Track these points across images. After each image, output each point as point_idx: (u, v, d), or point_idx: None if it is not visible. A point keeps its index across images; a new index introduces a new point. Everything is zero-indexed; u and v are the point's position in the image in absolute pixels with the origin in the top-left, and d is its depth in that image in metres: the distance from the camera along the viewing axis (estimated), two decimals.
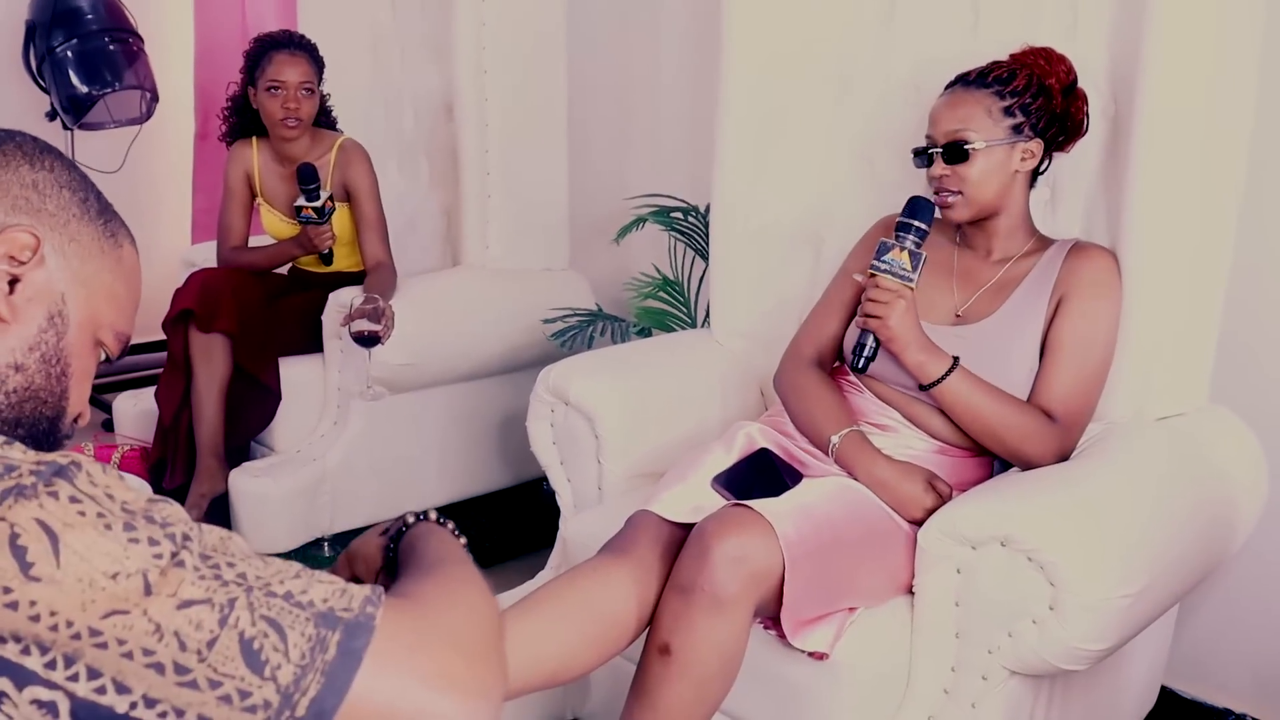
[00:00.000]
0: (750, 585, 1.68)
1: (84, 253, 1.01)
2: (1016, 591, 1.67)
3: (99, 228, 1.02)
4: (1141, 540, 1.74)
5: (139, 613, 0.79)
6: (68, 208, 1.00)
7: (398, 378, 2.95)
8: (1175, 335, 1.97)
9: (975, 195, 1.95)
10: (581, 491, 2.34)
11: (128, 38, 3.94)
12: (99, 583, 0.79)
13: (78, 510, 0.80)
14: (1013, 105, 1.94)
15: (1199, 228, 1.96)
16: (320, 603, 0.85)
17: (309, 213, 3.00)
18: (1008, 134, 1.94)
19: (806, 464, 1.99)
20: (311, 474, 2.95)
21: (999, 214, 1.99)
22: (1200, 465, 1.97)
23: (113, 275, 1.03)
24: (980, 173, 1.94)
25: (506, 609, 1.68)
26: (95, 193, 1.04)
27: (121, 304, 1.05)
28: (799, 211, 2.46)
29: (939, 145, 1.96)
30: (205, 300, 2.94)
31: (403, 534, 1.19)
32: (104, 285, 1.02)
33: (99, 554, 0.79)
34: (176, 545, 0.82)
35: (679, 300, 3.10)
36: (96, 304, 1.02)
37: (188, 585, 0.81)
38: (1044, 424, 1.87)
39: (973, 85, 1.96)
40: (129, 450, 3.20)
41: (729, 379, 2.45)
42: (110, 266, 1.03)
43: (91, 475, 0.83)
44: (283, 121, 3.01)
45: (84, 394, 1.03)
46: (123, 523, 0.81)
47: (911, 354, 1.88)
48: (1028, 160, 1.95)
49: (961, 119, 1.94)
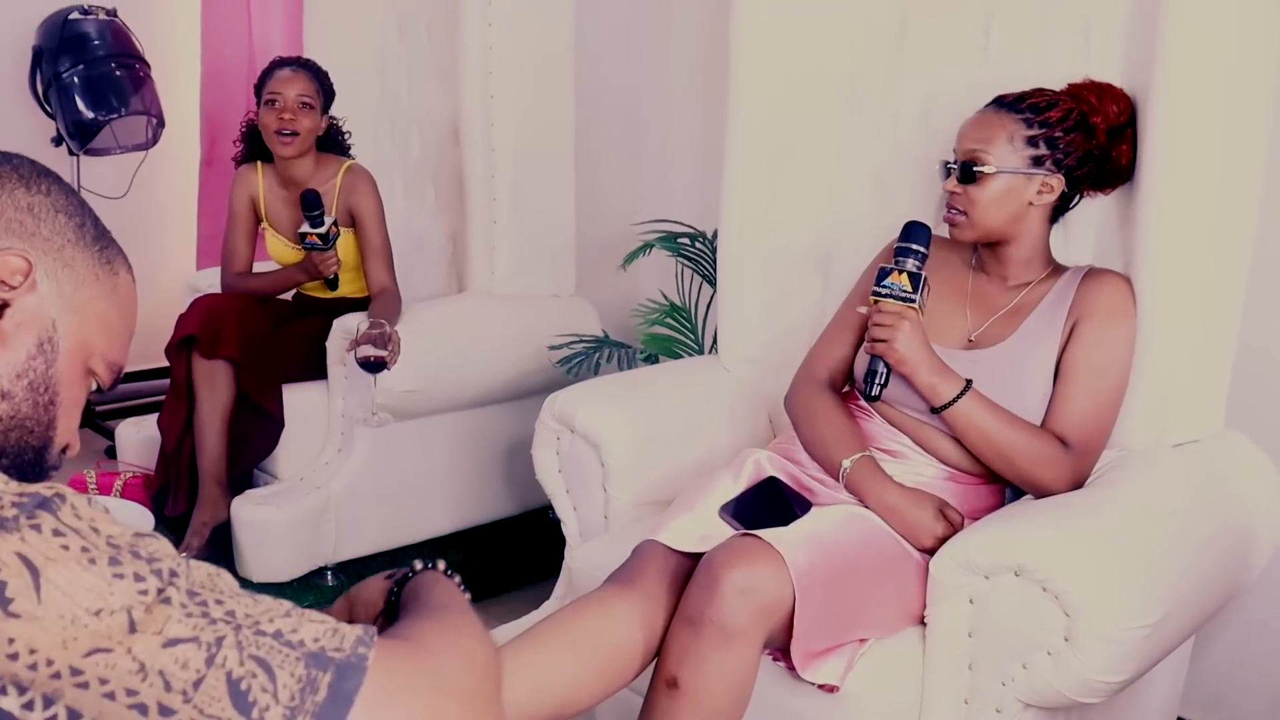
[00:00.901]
0: (760, 617, 1.65)
1: (78, 279, 0.98)
2: (1031, 622, 1.64)
3: (94, 254, 1.00)
4: (1159, 570, 1.71)
5: (123, 651, 0.76)
6: (63, 232, 0.98)
7: (403, 404, 2.92)
8: (1190, 361, 1.94)
9: (980, 219, 1.92)
10: (587, 520, 2.31)
11: (134, 64, 3.94)
12: (81, 619, 0.76)
13: (61, 544, 0.78)
14: (1039, 136, 1.90)
15: (1213, 252, 1.94)
16: (311, 642, 0.82)
17: (313, 239, 2.99)
18: (1026, 163, 1.90)
19: (815, 492, 1.96)
20: (315, 502, 2.92)
21: (1011, 242, 1.96)
22: (1217, 492, 1.93)
23: (107, 303, 1.01)
24: (988, 197, 1.91)
25: (510, 641, 1.66)
26: (92, 218, 1.02)
27: (115, 332, 1.02)
28: (808, 236, 2.44)
29: (958, 161, 1.94)
30: (208, 326, 2.93)
31: (408, 580, 1.16)
32: (97, 313, 1.00)
33: (82, 590, 0.77)
34: (163, 581, 0.80)
35: (686, 326, 3.08)
36: (89, 332, 0.99)
37: (174, 623, 0.78)
38: (1058, 450, 1.84)
39: (1006, 108, 1.93)
40: (131, 478, 3.18)
41: (737, 405, 2.43)
42: (105, 294, 1.00)
43: (76, 508, 0.81)
44: (277, 134, 3.00)
45: (73, 424, 1.01)
46: (108, 557, 0.79)
47: (923, 376, 1.85)
48: (1045, 194, 1.92)
49: (981, 140, 1.92)
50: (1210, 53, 1.87)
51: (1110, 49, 2.07)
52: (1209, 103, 1.88)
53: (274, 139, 3.02)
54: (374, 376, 2.74)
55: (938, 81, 2.28)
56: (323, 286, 3.12)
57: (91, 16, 3.91)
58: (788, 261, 2.45)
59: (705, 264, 3.02)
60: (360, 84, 3.52)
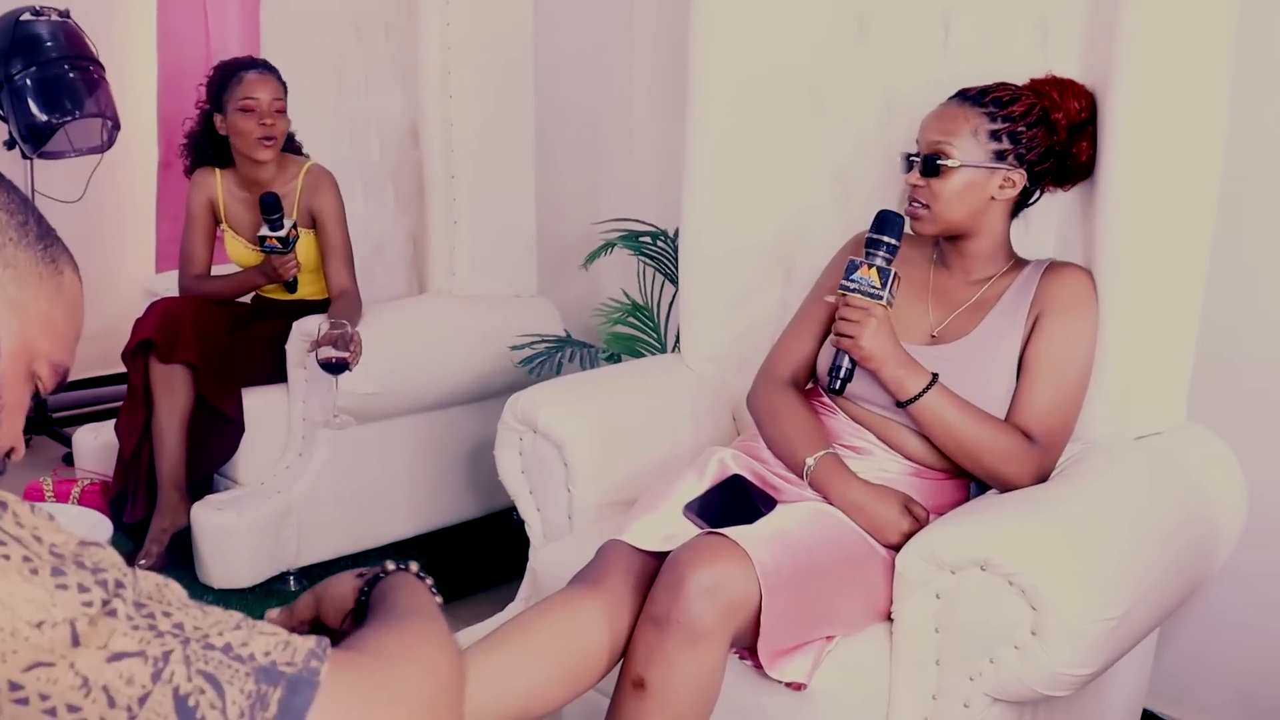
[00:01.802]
0: (726, 616, 1.63)
1: (20, 279, 0.94)
2: (998, 617, 1.64)
3: (38, 253, 0.96)
4: (1124, 562, 1.71)
5: (65, 665, 0.74)
6: (4, 231, 0.94)
7: (364, 407, 2.90)
8: (1153, 353, 1.95)
9: (943, 212, 1.92)
10: (551, 521, 2.29)
11: (88, 65, 3.88)
12: (22, 632, 0.73)
13: (1, 554, 0.75)
14: (1002, 130, 1.90)
15: (1174, 245, 1.95)
16: (262, 656, 0.80)
17: (273, 242, 2.96)
18: (989, 157, 1.90)
19: (780, 489, 1.95)
20: (276, 506, 2.88)
21: (973, 236, 1.96)
22: (1180, 485, 1.94)
23: (50, 303, 0.97)
24: (952, 191, 1.91)
25: (474, 644, 1.63)
26: (35, 216, 0.98)
27: (59, 334, 0.98)
28: (770, 233, 2.43)
29: (920, 154, 1.93)
30: (166, 330, 2.89)
31: (379, 580, 1.13)
32: (40, 314, 0.96)
33: (23, 601, 0.74)
34: (108, 593, 0.77)
35: (648, 326, 3.06)
36: (31, 333, 0.95)
37: (119, 636, 0.76)
38: (1022, 444, 1.84)
39: (969, 101, 1.93)
40: (89, 484, 3.13)
41: (700, 404, 2.42)
42: (48, 294, 0.97)
43: (18, 515, 0.78)
44: (260, 140, 2.97)
45: (16, 428, 0.97)
46: (50, 567, 0.76)
47: (889, 370, 1.85)
48: (1006, 189, 1.92)
49: (945, 132, 1.91)
50: (1168, 47, 1.88)
51: (1069, 44, 2.07)
52: (1168, 97, 1.89)
53: (255, 145, 2.98)
54: (335, 378, 2.72)
55: (898, 78, 2.27)
56: (282, 289, 3.09)
57: (44, 18, 3.84)
58: (749, 259, 2.44)
59: (667, 263, 3.01)
60: (318, 85, 3.49)
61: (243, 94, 2.97)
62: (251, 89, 2.97)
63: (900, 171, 2.00)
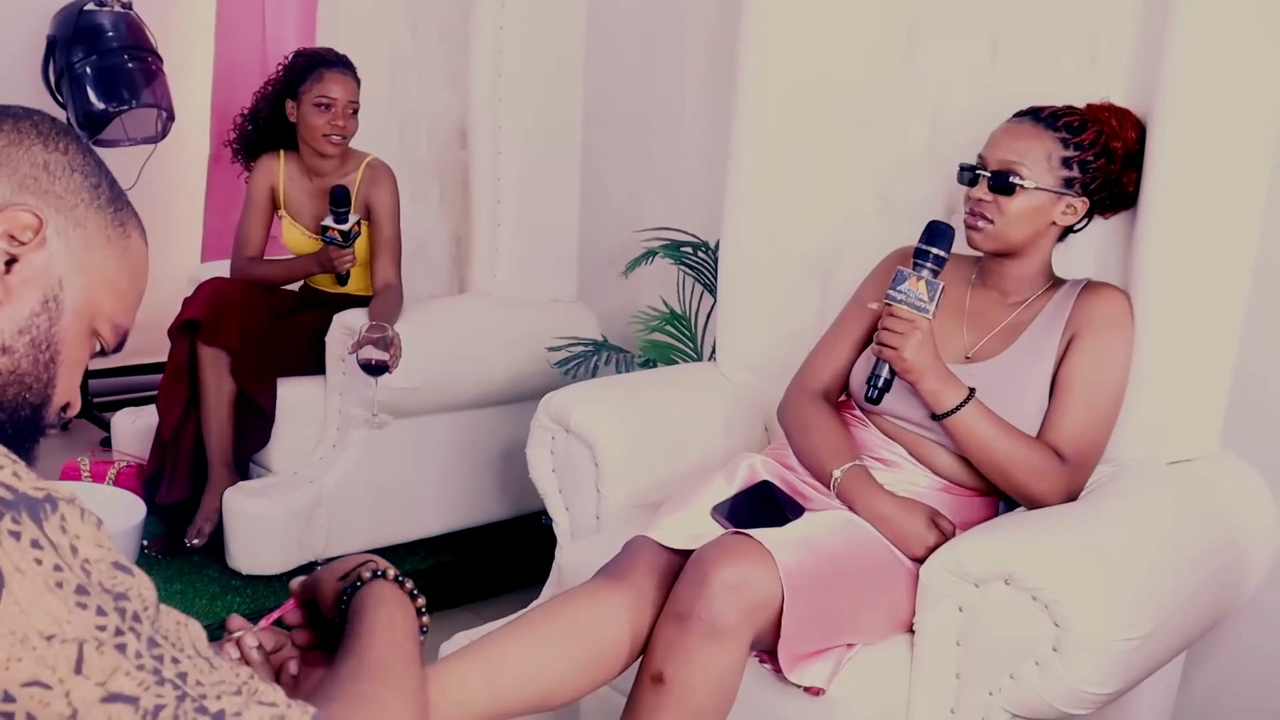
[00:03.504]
0: (748, 615, 1.64)
1: (89, 239, 0.98)
2: (1020, 631, 1.63)
3: (108, 216, 1.00)
4: (1150, 582, 1.70)
5: (61, 691, 0.75)
6: (77, 192, 0.98)
7: (400, 402, 2.92)
8: (1188, 378, 1.94)
9: (1005, 231, 1.91)
10: (579, 521, 2.30)
11: (147, 56, 3.95)
12: (31, 641, 0.74)
13: (34, 558, 0.76)
14: (1073, 158, 1.90)
15: (1215, 269, 1.94)
16: None
17: (335, 234, 2.99)
18: (1059, 184, 1.90)
19: (809, 498, 1.96)
20: (308, 496, 2.91)
21: (1021, 257, 1.96)
22: (1211, 510, 1.93)
23: (116, 265, 1.00)
24: (1019, 211, 1.90)
25: (496, 629, 1.65)
26: (109, 180, 1.02)
27: (122, 295, 1.02)
28: (809, 245, 2.43)
29: (989, 169, 1.92)
30: (212, 312, 2.92)
31: (358, 587, 1.14)
32: (106, 275, 0.99)
33: (41, 611, 0.75)
34: (124, 623, 0.78)
35: (686, 335, 3.07)
36: (96, 293, 0.99)
37: (121, 675, 0.77)
38: (1054, 462, 1.83)
39: (1042, 123, 1.92)
40: (125, 467, 3.16)
41: (733, 412, 2.42)
42: (115, 256, 1.00)
43: (65, 520, 0.79)
44: (327, 138, 3.01)
45: (73, 383, 1.00)
46: (76, 584, 0.77)
47: (928, 383, 1.84)
48: (1068, 215, 1.92)
49: (1020, 152, 1.90)
50: (1217, 72, 1.87)
51: (1117, 65, 2.07)
52: (1215, 122, 1.88)
53: (322, 141, 3.02)
54: (375, 379, 2.73)
55: (945, 93, 2.28)
56: (332, 280, 3.11)
57: (106, 8, 3.92)
58: (788, 270, 2.45)
59: (708, 274, 3.02)
60: (370, 83, 3.50)
61: (320, 91, 3.00)
62: (329, 88, 3.00)
63: (958, 183, 1.98)
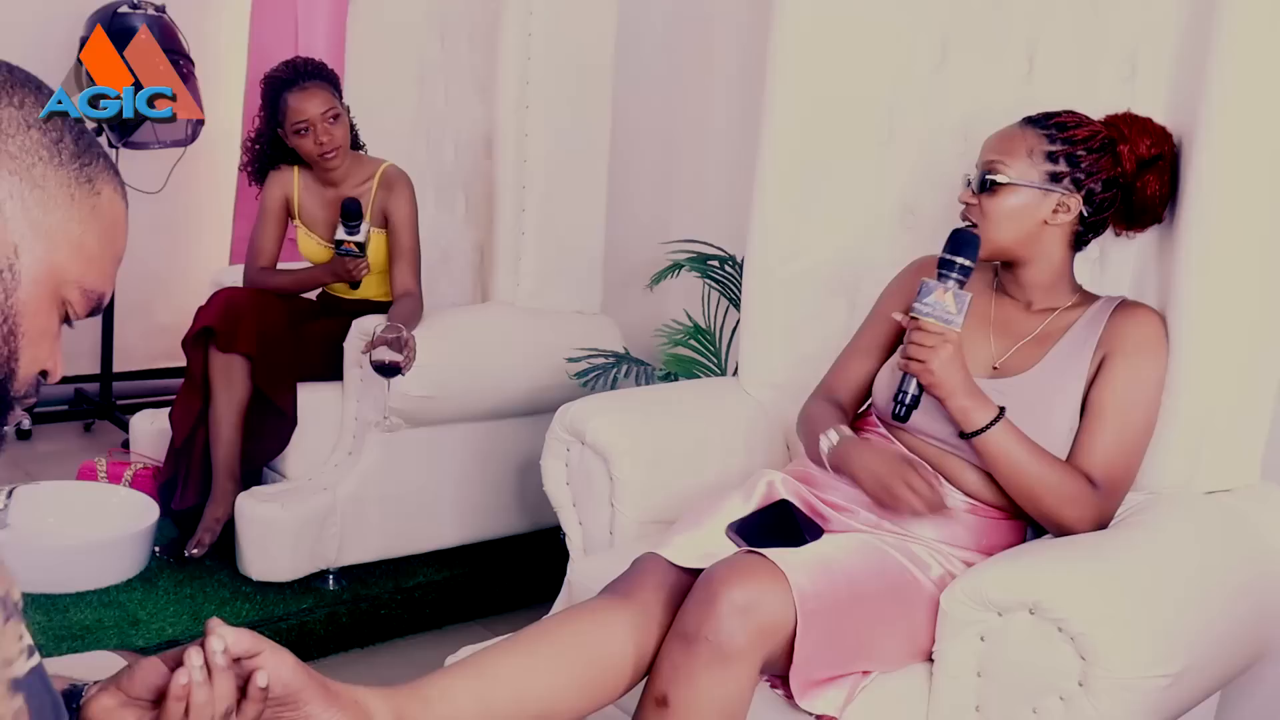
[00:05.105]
0: (758, 638, 1.57)
1: (48, 201, 0.91)
2: (1044, 664, 1.56)
3: (71, 173, 0.93)
4: (1182, 618, 1.62)
5: None
6: (34, 150, 0.91)
7: (416, 410, 2.87)
8: (1227, 404, 1.87)
9: (991, 232, 1.86)
10: (592, 535, 2.24)
11: (179, 60, 3.95)
12: None
13: None
14: (1059, 152, 1.85)
15: (1256, 296, 1.87)
16: None
17: (350, 246, 2.96)
18: (1042, 179, 1.84)
19: (828, 519, 1.89)
20: (321, 503, 2.86)
21: (1027, 263, 1.90)
22: (1249, 544, 1.84)
23: (82, 226, 0.93)
24: (1001, 210, 1.85)
25: (495, 643, 1.59)
26: (75, 133, 0.94)
27: (92, 258, 0.95)
28: (836, 259, 2.38)
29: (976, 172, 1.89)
30: (227, 319, 2.89)
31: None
32: (71, 238, 0.93)
33: None
34: None
35: (709, 349, 3.01)
36: (59, 258, 0.92)
37: None
38: (1085, 488, 1.76)
39: (1030, 124, 1.89)
40: (141, 469, 3.14)
41: (755, 428, 2.36)
42: (80, 216, 0.93)
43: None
44: (322, 157, 2.98)
45: (42, 353, 0.94)
46: None
47: (957, 400, 1.78)
48: (1061, 214, 1.85)
49: (1000, 151, 1.87)
50: (1259, 91, 1.81)
51: (1156, 81, 2.00)
52: (1255, 141, 1.82)
53: (320, 161, 2.99)
54: (388, 381, 2.70)
55: (977, 108, 2.21)
56: (347, 286, 3.09)
57: (141, 11, 3.94)
58: (813, 285, 2.39)
59: (733, 288, 2.96)
60: (399, 92, 3.50)
61: (293, 117, 2.94)
62: (299, 112, 2.94)
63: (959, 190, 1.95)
